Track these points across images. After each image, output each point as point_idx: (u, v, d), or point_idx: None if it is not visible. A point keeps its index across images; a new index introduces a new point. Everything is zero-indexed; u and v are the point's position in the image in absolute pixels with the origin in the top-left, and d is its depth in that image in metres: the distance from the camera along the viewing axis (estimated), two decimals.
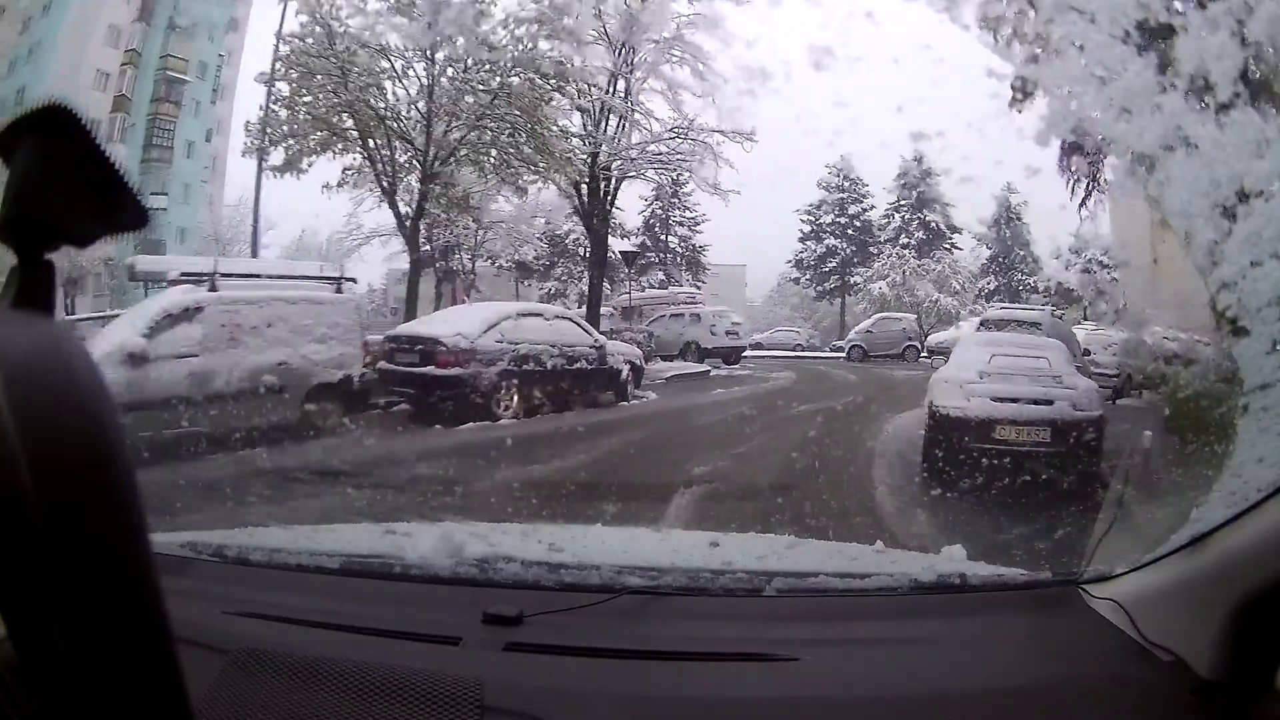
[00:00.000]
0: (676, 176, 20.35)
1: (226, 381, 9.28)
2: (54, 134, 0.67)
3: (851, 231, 24.57)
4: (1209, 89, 1.74)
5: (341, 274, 11.98)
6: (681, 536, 3.08)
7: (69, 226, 0.70)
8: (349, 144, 16.57)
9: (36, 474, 0.54)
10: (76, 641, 0.54)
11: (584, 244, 20.86)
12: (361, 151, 16.63)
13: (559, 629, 1.60)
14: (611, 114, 18.00)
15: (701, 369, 17.56)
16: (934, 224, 23.55)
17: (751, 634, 1.62)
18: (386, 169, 16.61)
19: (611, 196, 18.72)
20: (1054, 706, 1.40)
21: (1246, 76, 1.76)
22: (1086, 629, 1.58)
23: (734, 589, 1.78)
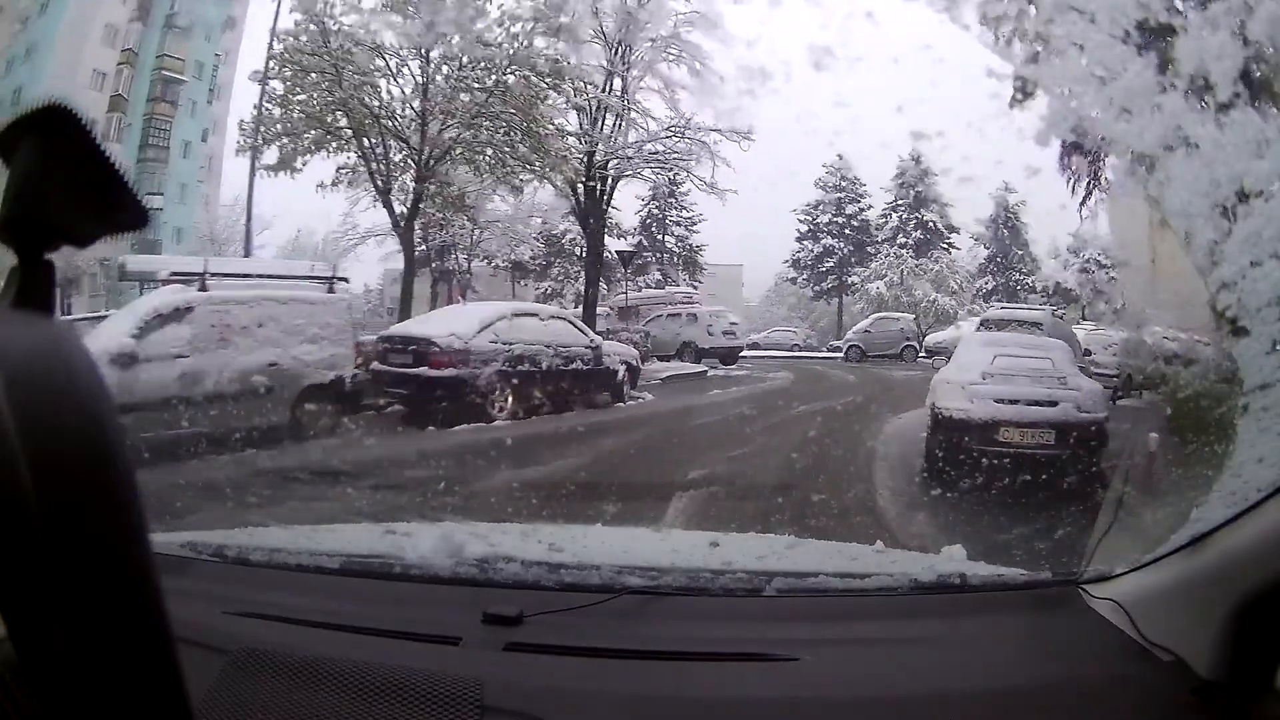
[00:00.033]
0: (673, 176, 20.28)
1: (216, 382, 9.16)
2: (54, 134, 0.67)
3: (849, 231, 24.59)
4: (1209, 89, 1.74)
5: (334, 273, 11.85)
6: (681, 536, 3.08)
7: (69, 226, 0.70)
8: (343, 143, 16.47)
9: (36, 474, 0.54)
10: (76, 641, 0.54)
11: (580, 244, 20.86)
12: (356, 150, 16.53)
13: (559, 629, 1.60)
14: (608, 113, 17.96)
15: (698, 369, 17.53)
16: (932, 224, 23.59)
17: (751, 634, 1.62)
18: (381, 168, 16.51)
19: (608, 196, 18.71)
20: (1054, 706, 1.40)
21: (1247, 76, 1.77)
22: (1086, 629, 1.58)
23: (734, 589, 1.78)
